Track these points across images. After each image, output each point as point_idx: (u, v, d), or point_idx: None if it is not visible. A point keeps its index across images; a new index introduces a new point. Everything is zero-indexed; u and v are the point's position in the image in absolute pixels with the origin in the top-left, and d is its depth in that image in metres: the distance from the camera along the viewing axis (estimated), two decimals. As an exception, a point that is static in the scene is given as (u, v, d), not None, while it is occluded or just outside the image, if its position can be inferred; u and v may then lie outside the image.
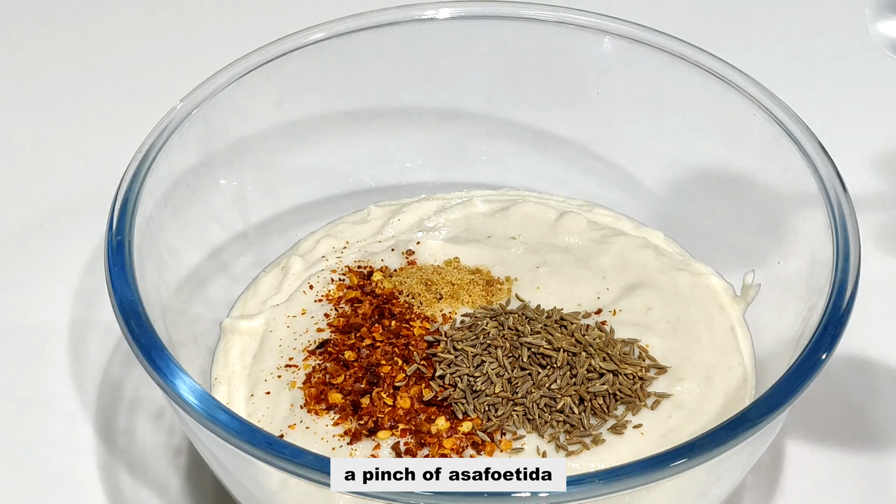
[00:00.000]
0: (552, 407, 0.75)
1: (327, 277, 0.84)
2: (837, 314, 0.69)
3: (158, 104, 0.82)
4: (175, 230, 0.80)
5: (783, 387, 0.66)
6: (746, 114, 0.82)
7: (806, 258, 0.77)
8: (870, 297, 0.79)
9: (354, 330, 0.80)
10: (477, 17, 0.89)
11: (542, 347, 0.77)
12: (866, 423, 0.83)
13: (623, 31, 0.87)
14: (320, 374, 0.77)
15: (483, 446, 0.73)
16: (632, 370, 0.77)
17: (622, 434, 0.74)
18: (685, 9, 1.16)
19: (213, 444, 0.68)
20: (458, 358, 0.77)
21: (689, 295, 0.83)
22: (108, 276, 0.71)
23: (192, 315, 0.81)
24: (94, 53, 1.13)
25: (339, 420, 0.75)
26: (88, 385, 0.86)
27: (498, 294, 0.83)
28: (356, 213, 0.92)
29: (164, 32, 1.15)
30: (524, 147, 0.94)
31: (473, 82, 0.92)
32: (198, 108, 0.81)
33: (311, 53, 0.87)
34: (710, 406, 0.76)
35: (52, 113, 1.07)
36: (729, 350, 0.80)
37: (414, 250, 0.86)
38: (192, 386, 0.66)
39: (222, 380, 0.79)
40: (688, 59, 0.85)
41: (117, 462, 0.82)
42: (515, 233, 0.88)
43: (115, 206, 0.75)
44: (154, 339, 0.68)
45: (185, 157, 0.81)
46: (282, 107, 0.88)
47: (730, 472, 0.72)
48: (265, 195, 0.90)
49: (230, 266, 0.87)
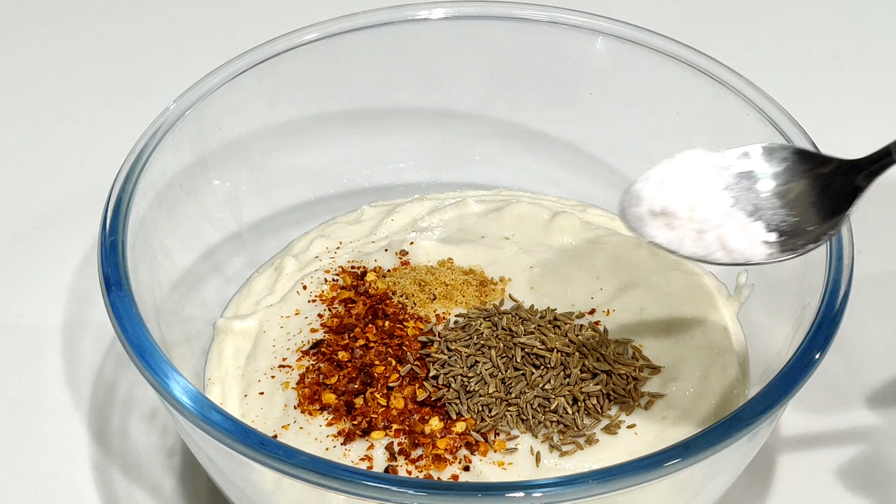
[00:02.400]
0: (546, 407, 0.75)
1: (321, 278, 0.84)
2: (831, 314, 0.69)
3: (151, 105, 0.82)
4: (168, 231, 0.80)
5: (777, 387, 0.66)
6: (740, 114, 0.82)
7: (800, 258, 0.77)
8: (864, 296, 0.79)
9: (348, 330, 0.80)
10: (470, 17, 0.89)
11: (535, 348, 0.77)
12: (860, 423, 0.83)
13: (616, 32, 0.87)
14: (314, 374, 0.77)
15: (477, 446, 0.73)
16: (625, 370, 0.77)
17: (616, 434, 0.74)
18: (678, 9, 1.16)
19: (207, 445, 0.68)
20: (452, 358, 0.77)
21: (682, 295, 0.83)
22: (102, 276, 0.71)
23: (186, 315, 0.81)
24: (86, 54, 1.13)
25: (333, 420, 0.75)
26: (82, 386, 0.86)
27: (491, 294, 0.83)
28: (349, 214, 0.92)
29: (158, 33, 1.15)
30: (517, 147, 0.94)
31: (467, 82, 0.92)
32: (191, 108, 0.81)
33: (305, 54, 0.87)
34: (704, 406, 0.76)
35: (45, 113, 1.07)
36: (723, 350, 0.80)
37: (407, 251, 0.86)
38: (185, 386, 0.66)
39: (216, 380, 0.79)
40: (681, 60, 0.85)
41: (111, 463, 0.82)
42: (509, 233, 0.88)
43: (108, 207, 0.74)
44: (147, 340, 0.68)
45: (178, 157, 0.81)
46: (275, 107, 0.88)
47: (724, 472, 0.72)
48: (258, 196, 0.89)
49: (224, 266, 0.87)
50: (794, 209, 0.69)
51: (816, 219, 0.68)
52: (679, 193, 0.69)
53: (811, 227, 0.68)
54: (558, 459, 0.73)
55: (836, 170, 0.69)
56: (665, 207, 0.69)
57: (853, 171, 0.68)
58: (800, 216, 0.69)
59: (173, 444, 0.82)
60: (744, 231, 0.68)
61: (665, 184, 0.69)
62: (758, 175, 0.70)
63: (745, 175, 0.70)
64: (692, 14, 1.15)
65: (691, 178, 0.70)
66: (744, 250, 0.68)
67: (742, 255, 0.68)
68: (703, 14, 1.16)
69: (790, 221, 0.69)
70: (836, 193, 0.68)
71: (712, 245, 0.68)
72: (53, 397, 0.85)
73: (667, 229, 0.69)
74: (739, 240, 0.68)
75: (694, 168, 0.70)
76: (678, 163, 0.70)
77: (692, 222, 0.69)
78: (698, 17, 1.15)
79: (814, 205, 0.69)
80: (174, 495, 0.80)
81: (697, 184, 0.70)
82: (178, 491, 0.80)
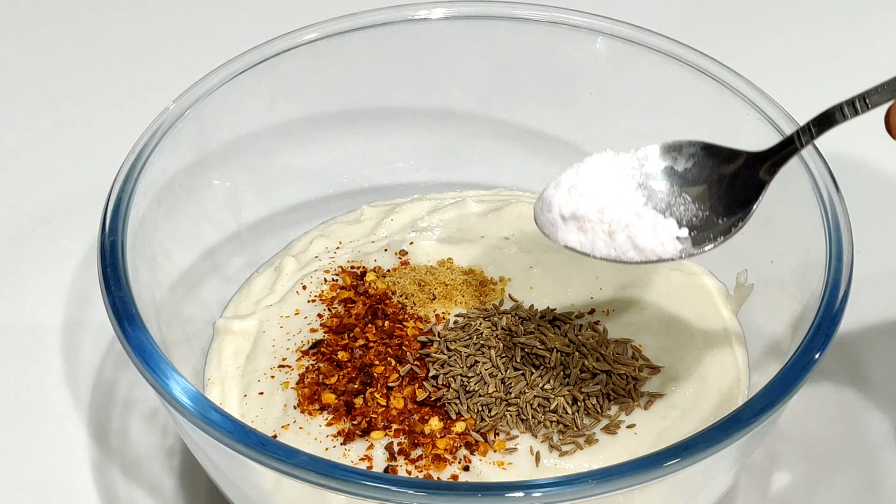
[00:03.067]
0: (545, 407, 0.75)
1: (320, 278, 0.84)
2: (830, 314, 0.69)
3: (151, 105, 0.82)
4: (168, 231, 0.80)
5: (776, 387, 0.66)
6: (739, 113, 0.82)
7: (799, 258, 0.77)
8: (864, 296, 0.79)
9: (348, 330, 0.80)
10: (470, 17, 0.89)
11: (535, 348, 0.77)
12: (859, 423, 0.83)
13: (616, 31, 0.87)
14: (314, 374, 0.77)
15: (476, 446, 0.73)
16: (625, 370, 0.77)
17: (615, 434, 0.74)
18: (678, 9, 1.16)
19: (207, 445, 0.68)
20: (452, 358, 0.77)
21: (682, 295, 0.83)
22: (101, 276, 0.71)
23: (186, 316, 0.81)
24: (86, 54, 1.12)
25: (333, 420, 0.75)
26: (82, 386, 0.86)
27: (491, 294, 0.83)
28: (349, 214, 0.92)
29: (157, 33, 1.15)
30: (517, 147, 0.94)
31: (466, 82, 0.92)
32: (190, 108, 0.81)
33: (304, 54, 0.87)
34: (704, 406, 0.76)
35: (45, 114, 1.07)
36: (722, 350, 0.80)
37: (407, 250, 0.86)
38: (185, 387, 0.66)
39: (215, 380, 0.79)
40: (681, 59, 0.85)
41: (110, 463, 0.82)
42: (509, 233, 0.88)
43: (107, 207, 0.74)
44: (147, 340, 0.68)
45: (177, 157, 0.81)
46: (275, 107, 0.88)
47: (723, 472, 0.72)
48: (258, 196, 0.89)
49: (223, 266, 0.87)
50: (704, 204, 0.71)
51: (726, 212, 0.70)
52: (589, 198, 0.71)
53: (721, 220, 0.70)
54: (558, 459, 0.73)
55: (744, 162, 0.71)
56: (575, 212, 0.71)
57: (759, 163, 0.70)
58: (710, 210, 0.71)
59: (173, 444, 0.82)
60: (654, 229, 0.70)
61: (575, 188, 0.71)
62: (668, 173, 0.72)
63: (655, 174, 0.72)
64: (692, 14, 1.15)
65: (601, 180, 0.72)
66: (654, 248, 0.70)
67: (653, 252, 0.70)
68: (703, 14, 1.16)
69: (701, 216, 0.71)
70: (744, 185, 0.70)
71: (624, 245, 0.70)
72: (53, 397, 0.85)
73: (579, 233, 0.71)
74: (650, 238, 0.70)
75: (604, 171, 0.72)
76: (588, 167, 0.72)
77: (602, 224, 0.70)
78: (698, 17, 1.15)
79: (723, 198, 0.71)
80: (174, 495, 0.80)
81: (607, 186, 0.72)
82: (178, 491, 0.80)
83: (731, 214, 0.70)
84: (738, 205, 0.70)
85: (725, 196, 0.71)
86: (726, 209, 0.70)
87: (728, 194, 0.71)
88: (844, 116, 0.66)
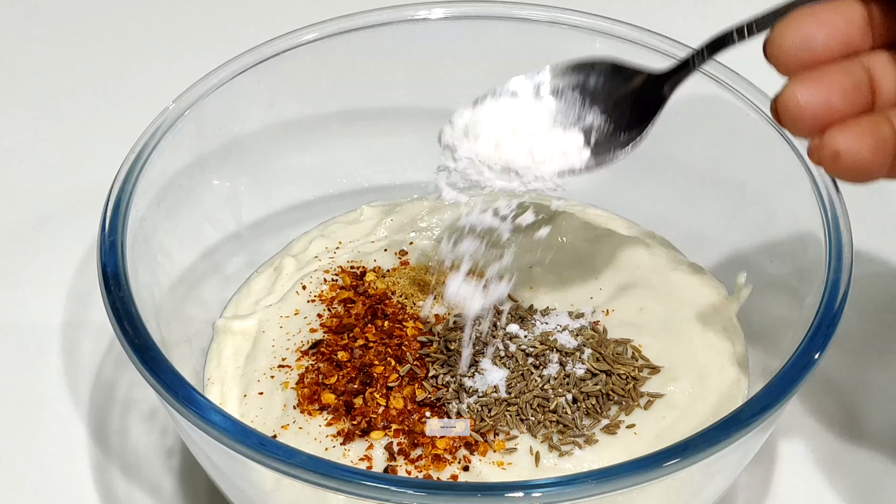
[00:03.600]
0: (545, 407, 0.75)
1: (320, 278, 0.84)
2: (830, 314, 0.69)
3: (151, 105, 0.82)
4: (168, 231, 0.80)
5: (776, 387, 0.66)
6: (740, 114, 0.82)
7: (799, 258, 0.77)
8: (864, 296, 0.79)
9: (347, 330, 0.80)
10: (470, 17, 0.89)
11: (535, 348, 0.77)
12: (859, 423, 0.83)
13: (616, 32, 0.87)
14: (313, 374, 0.77)
15: (476, 446, 0.73)
16: (625, 370, 0.77)
17: (615, 434, 0.74)
18: (678, 9, 1.16)
19: (207, 445, 0.68)
20: (451, 358, 0.77)
21: (682, 295, 0.83)
22: (101, 276, 0.71)
23: (185, 316, 0.81)
24: (86, 54, 1.13)
25: (332, 420, 0.75)
26: (81, 386, 0.86)
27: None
28: (349, 214, 0.92)
29: (157, 33, 1.15)
30: (517, 147, 0.94)
31: (467, 82, 0.92)
32: (190, 108, 0.81)
33: (304, 54, 0.87)
34: (703, 406, 0.76)
35: (44, 113, 1.07)
36: (721, 350, 0.80)
37: (407, 250, 0.86)
38: (184, 387, 0.66)
39: (215, 380, 0.79)
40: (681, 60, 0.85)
41: (110, 463, 0.82)
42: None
43: (107, 207, 0.74)
44: (147, 340, 0.68)
45: (177, 157, 0.81)
46: (274, 107, 0.88)
47: (723, 472, 0.72)
48: (258, 196, 0.89)
49: (223, 266, 0.87)
50: (609, 119, 0.74)
51: (628, 126, 0.74)
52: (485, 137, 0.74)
53: (623, 134, 0.74)
54: (558, 459, 0.73)
55: (645, 81, 0.74)
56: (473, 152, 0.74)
57: (659, 82, 0.73)
58: (614, 124, 0.74)
59: (173, 444, 0.82)
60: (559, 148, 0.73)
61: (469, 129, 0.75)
62: (576, 91, 0.75)
63: (562, 91, 0.75)
64: (692, 14, 1.15)
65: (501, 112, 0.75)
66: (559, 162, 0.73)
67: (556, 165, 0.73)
68: (702, 14, 1.16)
69: (604, 131, 0.74)
70: (644, 102, 0.73)
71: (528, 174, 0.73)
72: (53, 397, 0.85)
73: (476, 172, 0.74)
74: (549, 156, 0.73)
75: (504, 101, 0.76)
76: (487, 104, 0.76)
77: (500, 159, 0.73)
78: (698, 18, 1.15)
79: (625, 115, 0.74)
80: (174, 495, 0.80)
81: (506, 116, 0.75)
82: (178, 491, 0.80)
83: (631, 130, 0.74)
84: (638, 120, 0.74)
85: (628, 113, 0.74)
86: (629, 124, 0.74)
87: (632, 111, 0.74)
88: (733, 40, 0.69)
